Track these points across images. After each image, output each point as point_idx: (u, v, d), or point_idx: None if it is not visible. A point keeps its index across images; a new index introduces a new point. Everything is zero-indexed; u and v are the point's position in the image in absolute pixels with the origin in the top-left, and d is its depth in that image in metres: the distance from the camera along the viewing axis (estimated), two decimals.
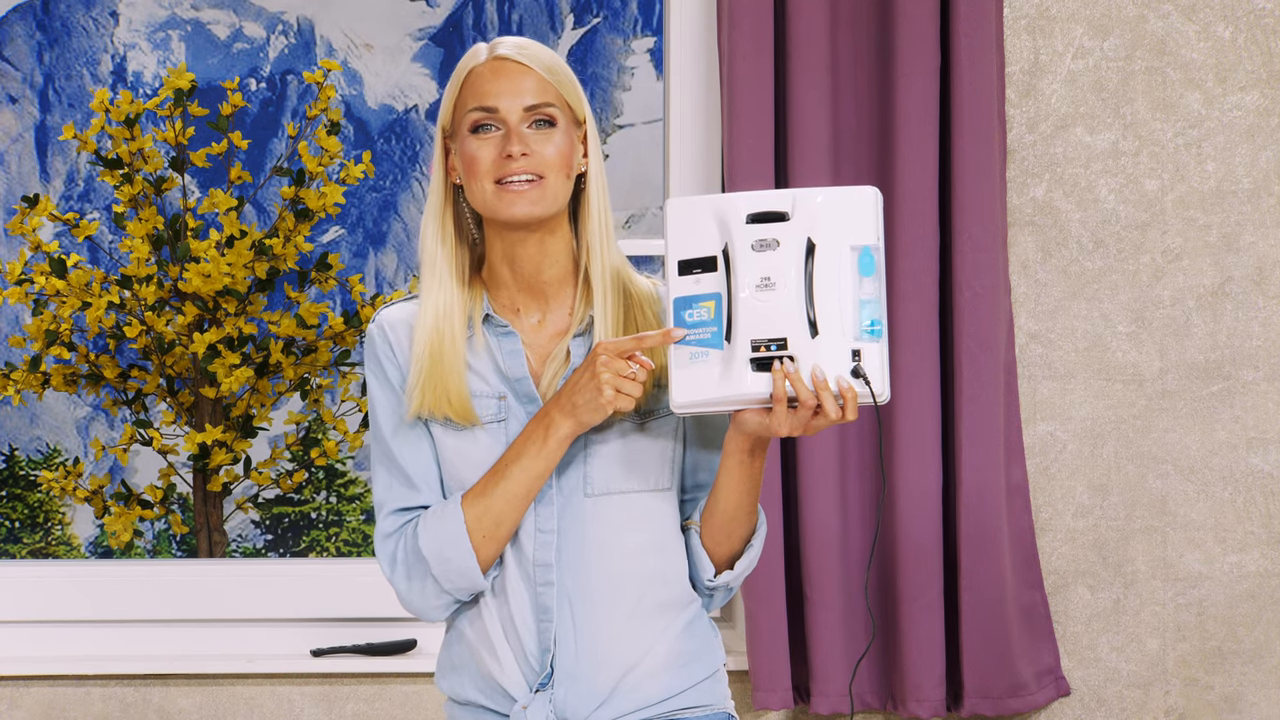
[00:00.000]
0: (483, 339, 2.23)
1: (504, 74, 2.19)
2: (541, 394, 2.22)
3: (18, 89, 7.76)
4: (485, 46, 2.23)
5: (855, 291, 2.08)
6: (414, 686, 3.26)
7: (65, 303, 5.03)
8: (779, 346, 2.07)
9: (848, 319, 2.07)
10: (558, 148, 2.18)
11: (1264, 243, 3.30)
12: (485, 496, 2.18)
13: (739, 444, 2.16)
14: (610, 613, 2.21)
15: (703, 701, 2.26)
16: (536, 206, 2.17)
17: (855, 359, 2.07)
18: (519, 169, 2.17)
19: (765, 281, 2.08)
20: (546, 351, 2.24)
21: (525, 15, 8.34)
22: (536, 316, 2.25)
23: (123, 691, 3.25)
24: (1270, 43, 3.31)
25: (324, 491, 6.76)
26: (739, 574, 2.26)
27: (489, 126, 2.19)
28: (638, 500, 2.22)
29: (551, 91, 2.20)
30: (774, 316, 2.07)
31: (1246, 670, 3.30)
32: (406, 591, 2.24)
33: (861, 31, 3.22)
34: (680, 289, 2.11)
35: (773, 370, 2.07)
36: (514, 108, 2.18)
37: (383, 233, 8.08)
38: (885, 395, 2.08)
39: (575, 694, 2.21)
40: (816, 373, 2.06)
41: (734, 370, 2.08)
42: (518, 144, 2.16)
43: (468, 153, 2.19)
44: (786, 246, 2.08)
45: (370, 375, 2.27)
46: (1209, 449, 3.30)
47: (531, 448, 2.16)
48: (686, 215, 2.12)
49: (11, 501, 6.93)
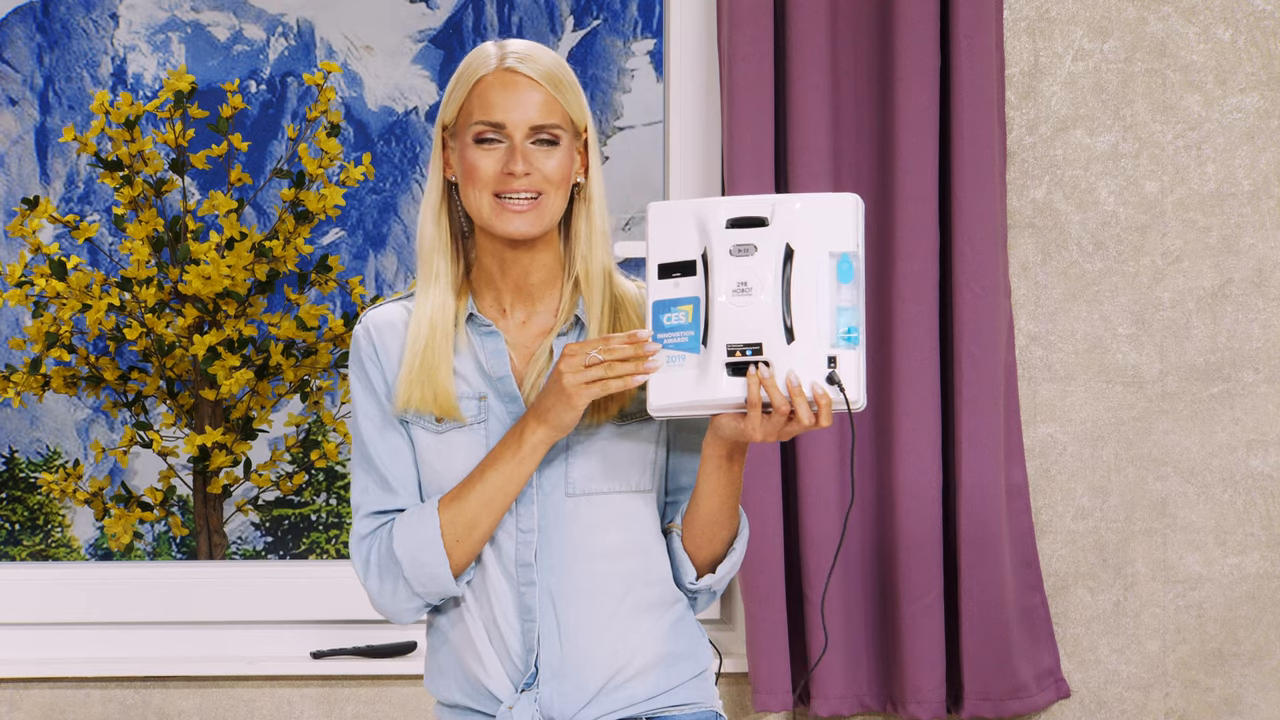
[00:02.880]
0: (466, 339, 2.24)
1: (512, 88, 2.20)
2: (525, 393, 2.23)
3: (18, 91, 7.76)
4: (494, 51, 2.22)
5: (833, 298, 2.08)
6: (413, 688, 3.26)
7: (65, 305, 5.03)
8: (754, 351, 2.08)
9: (824, 325, 2.08)
10: (558, 165, 2.20)
11: (1264, 245, 3.30)
12: (460, 500, 2.19)
13: (716, 448, 2.18)
14: (593, 612, 2.22)
15: (690, 700, 2.27)
16: (534, 226, 2.19)
17: (831, 365, 2.08)
18: (520, 186, 2.18)
19: (742, 286, 2.08)
20: (531, 351, 2.25)
21: (525, 17, 8.35)
22: (522, 316, 2.27)
23: (122, 693, 3.25)
24: (1270, 45, 3.31)
25: (324, 494, 6.75)
26: (721, 578, 2.28)
27: (494, 139, 2.20)
28: (618, 501, 2.23)
29: (558, 110, 2.21)
30: (750, 321, 2.08)
31: (1246, 672, 3.30)
32: (378, 593, 2.25)
33: (861, 34, 3.22)
34: (659, 292, 2.12)
35: (747, 375, 2.07)
36: (520, 125, 2.19)
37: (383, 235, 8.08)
38: (860, 403, 2.09)
39: (561, 693, 2.22)
40: (791, 378, 2.07)
41: (710, 374, 2.09)
42: (521, 163, 2.18)
43: (469, 160, 2.20)
44: (764, 252, 2.08)
45: (353, 377, 2.28)
46: (1209, 451, 3.30)
47: (508, 453, 2.17)
48: (668, 219, 2.13)
49: (11, 504, 6.93)
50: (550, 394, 2.14)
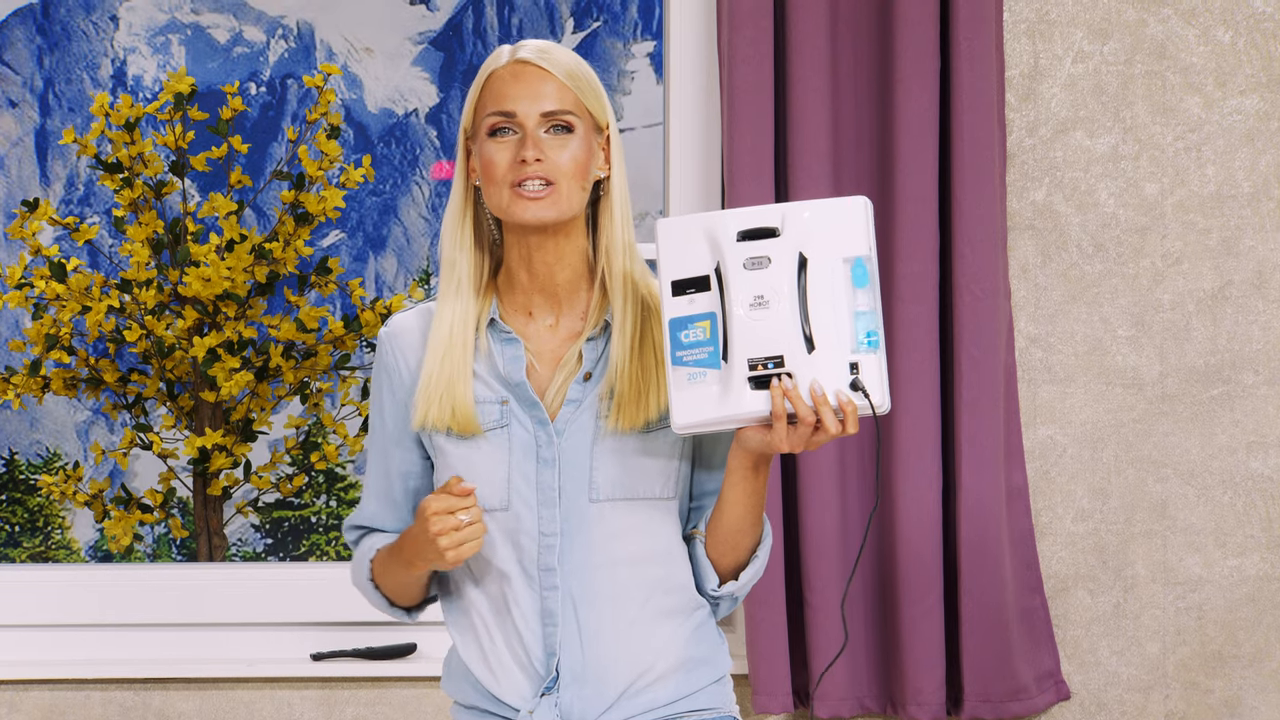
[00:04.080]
0: (486, 345, 2.25)
1: (523, 78, 2.19)
2: (547, 399, 2.23)
3: (18, 93, 7.77)
4: (508, 49, 2.23)
5: (850, 304, 2.08)
6: (414, 690, 3.26)
7: (65, 307, 5.03)
8: (776, 364, 2.08)
9: (844, 332, 2.07)
10: (573, 155, 2.19)
11: (1264, 247, 3.30)
12: (386, 571, 2.29)
13: (742, 461, 2.17)
14: (615, 617, 2.21)
15: (709, 705, 2.27)
16: (548, 212, 2.18)
17: (853, 372, 2.07)
18: (533, 174, 2.17)
19: (759, 300, 2.08)
20: (559, 355, 2.25)
21: (525, 19, 8.35)
22: (550, 319, 2.26)
23: (122, 695, 3.25)
24: (1270, 47, 3.31)
25: (324, 495, 6.76)
26: (744, 584, 2.28)
27: (506, 130, 2.19)
28: (641, 507, 2.23)
29: (570, 98, 2.20)
30: (769, 334, 2.08)
31: (1246, 674, 3.30)
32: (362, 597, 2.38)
33: (861, 36, 3.22)
34: (675, 310, 2.12)
35: (771, 388, 2.07)
36: (531, 112, 2.18)
37: (383, 237, 8.08)
38: (885, 406, 2.08)
39: (581, 698, 2.21)
40: (815, 388, 2.07)
41: (733, 389, 2.08)
42: (532, 149, 2.17)
43: (485, 156, 2.20)
44: (778, 263, 2.08)
45: (374, 384, 2.32)
46: (1209, 453, 3.30)
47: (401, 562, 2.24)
48: (678, 235, 2.13)
49: (11, 506, 6.93)
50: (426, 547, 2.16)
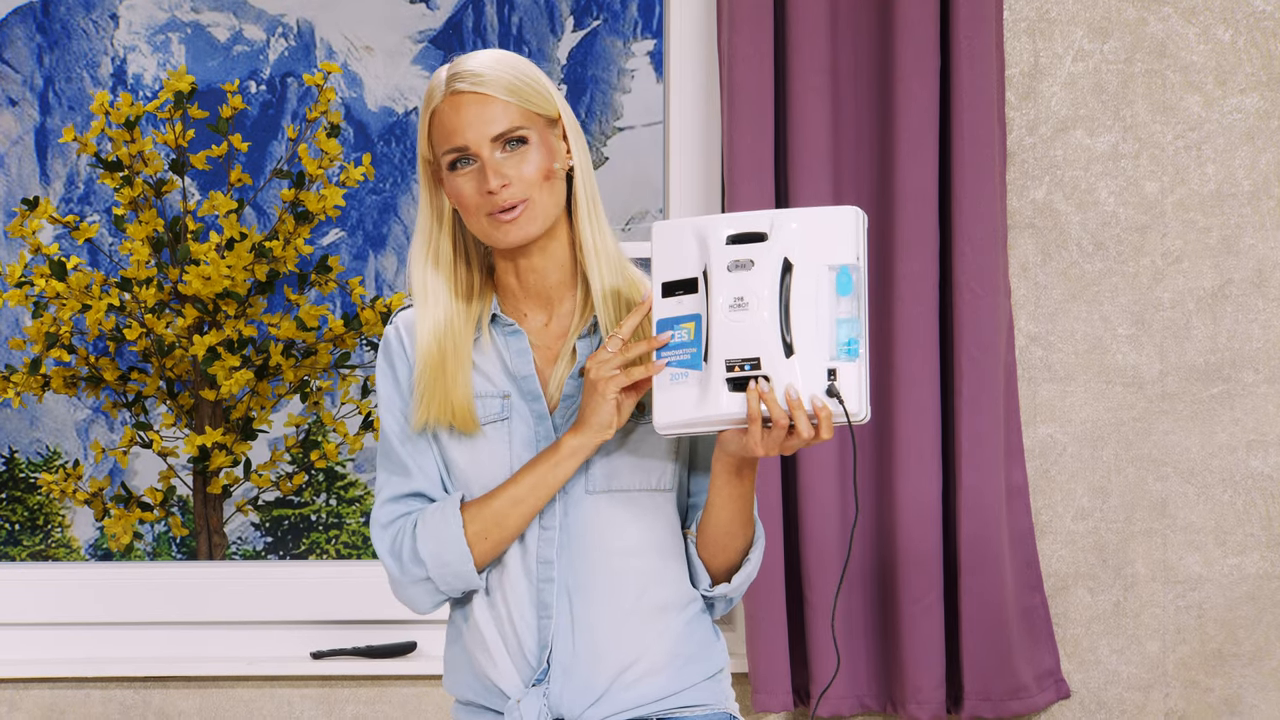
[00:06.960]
0: (490, 339, 2.27)
1: (463, 108, 2.20)
2: (548, 393, 2.24)
3: (18, 92, 7.77)
4: (444, 78, 2.23)
5: (832, 311, 2.08)
6: (414, 689, 3.26)
7: (65, 305, 5.04)
8: (753, 366, 2.08)
9: (824, 338, 2.08)
10: (535, 164, 2.20)
11: (1264, 245, 3.30)
12: (489, 496, 2.21)
13: (724, 464, 2.19)
14: (609, 610, 2.22)
15: (701, 701, 2.27)
16: (529, 228, 2.20)
17: (831, 378, 2.08)
18: (503, 201, 2.19)
19: (739, 301, 2.09)
20: (554, 352, 2.27)
21: (525, 18, 8.35)
22: (543, 319, 2.28)
23: (122, 694, 3.25)
24: (1270, 45, 3.31)
25: (324, 494, 6.77)
26: (736, 587, 2.28)
27: (464, 161, 2.21)
28: (638, 499, 2.24)
29: (515, 112, 2.20)
30: (748, 336, 2.08)
31: (1246, 673, 3.30)
32: (401, 586, 2.27)
33: (862, 34, 3.22)
34: (663, 311, 2.13)
35: (747, 390, 2.08)
36: (482, 140, 2.19)
37: (382, 235, 8.08)
38: (862, 415, 2.08)
39: (570, 690, 2.22)
40: (790, 392, 2.07)
41: (711, 391, 2.09)
42: (494, 177, 2.18)
43: (453, 189, 2.22)
44: (761, 266, 2.08)
45: (380, 375, 2.31)
46: (1209, 451, 3.30)
47: (545, 455, 2.20)
48: (672, 237, 2.14)
49: (11, 504, 6.94)
50: (584, 395, 2.16)
